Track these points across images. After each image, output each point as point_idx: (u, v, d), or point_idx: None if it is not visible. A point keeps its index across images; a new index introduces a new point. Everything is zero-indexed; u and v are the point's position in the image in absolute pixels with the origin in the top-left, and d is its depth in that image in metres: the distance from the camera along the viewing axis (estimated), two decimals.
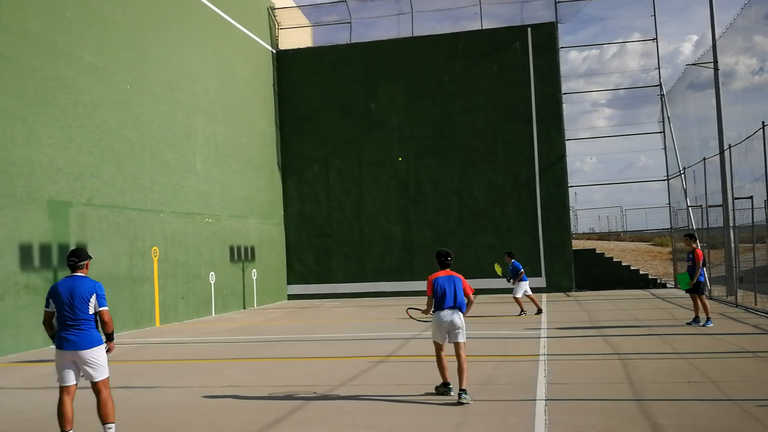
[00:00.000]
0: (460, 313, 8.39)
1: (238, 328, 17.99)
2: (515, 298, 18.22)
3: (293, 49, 29.74)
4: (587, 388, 8.58)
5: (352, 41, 29.58)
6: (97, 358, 6.69)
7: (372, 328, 16.14)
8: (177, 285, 20.42)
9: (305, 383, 9.65)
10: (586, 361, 10.71)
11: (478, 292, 26.07)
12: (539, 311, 18.03)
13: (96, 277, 16.62)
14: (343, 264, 28.38)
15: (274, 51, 29.47)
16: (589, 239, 40.33)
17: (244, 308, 24.62)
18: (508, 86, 27.50)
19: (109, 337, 6.89)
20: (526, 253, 26.51)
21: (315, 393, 8.89)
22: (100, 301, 6.72)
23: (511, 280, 18.26)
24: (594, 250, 31.75)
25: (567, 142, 27.47)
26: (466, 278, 8.72)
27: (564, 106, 27.51)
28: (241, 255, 24.70)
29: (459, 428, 6.87)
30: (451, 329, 8.33)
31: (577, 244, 33.32)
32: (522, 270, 18.20)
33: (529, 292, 18.24)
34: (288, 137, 29.22)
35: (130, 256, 18.24)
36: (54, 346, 6.76)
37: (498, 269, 19.06)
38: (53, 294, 6.71)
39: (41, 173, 15.21)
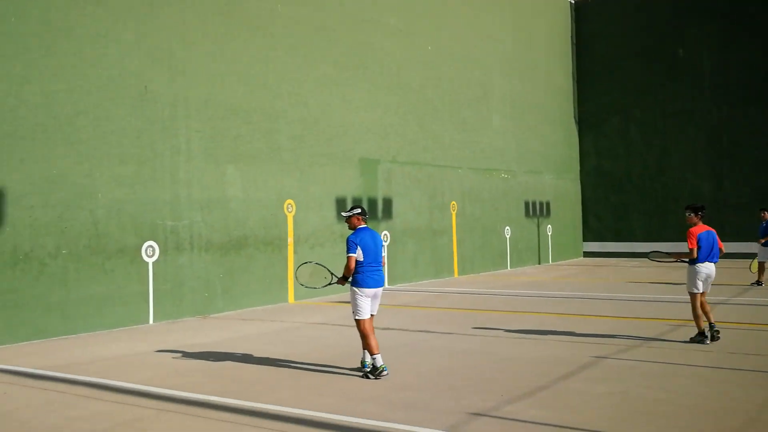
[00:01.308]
0: (714, 265, 9.31)
1: (532, 283, 18.18)
2: (761, 264, 15.97)
3: None
4: None
5: None
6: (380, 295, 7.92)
7: (673, 291, 15.21)
8: (474, 239, 21.19)
9: (597, 341, 9.52)
10: None
11: None
12: (756, 283, 15.88)
13: (399, 230, 18.02)
14: (643, 222, 26.95)
15: (572, 1, 28.56)
16: None
17: (539, 263, 24.74)
18: None
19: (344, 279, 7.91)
20: None
21: (607, 352, 8.75)
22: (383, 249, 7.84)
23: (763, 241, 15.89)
24: None
25: None
26: None
27: None
28: (536, 210, 24.76)
29: None
30: (709, 280, 9.26)
31: None
32: None
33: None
34: (585, 90, 28.31)
35: (430, 210, 19.34)
36: (352, 286, 7.75)
37: (754, 267, 16.39)
38: (361, 242, 7.72)
39: (353, 133, 16.73)
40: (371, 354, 7.63)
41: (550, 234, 25.55)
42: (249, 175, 13.99)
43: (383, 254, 7.94)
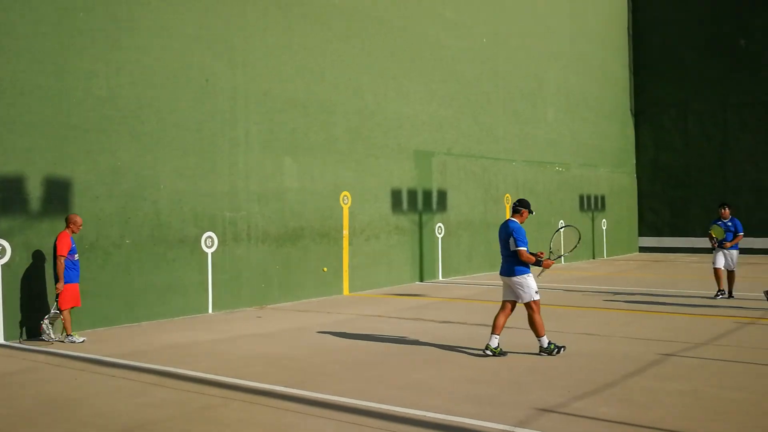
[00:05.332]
0: None
1: (588, 278, 17.89)
2: (732, 272, 13.32)
3: None
4: None
5: None
6: (518, 284, 8.29)
7: (736, 288, 14.77)
8: (528, 232, 20.87)
9: (663, 338, 9.31)
10: None
11: None
12: (720, 294, 13.21)
13: (454, 222, 17.94)
14: (702, 216, 26.18)
15: None
16: None
17: (593, 258, 24.34)
18: None
19: (537, 264, 8.37)
20: None
21: (674, 349, 8.54)
22: (517, 243, 8.31)
23: (720, 243, 13.21)
24: None
25: None
26: None
27: None
28: (591, 204, 24.35)
29: None
30: None
31: None
32: (741, 233, 13.21)
33: (725, 266, 13.22)
34: (642, 81, 27.68)
35: (484, 203, 19.19)
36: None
37: (717, 233, 13.28)
38: (499, 230, 8.68)
39: (409, 125, 16.67)
40: (493, 332, 8.40)
41: (604, 228, 25.12)
42: (305, 167, 14.07)
43: (516, 248, 8.29)
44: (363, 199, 15.31)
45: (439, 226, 17.48)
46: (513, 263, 8.32)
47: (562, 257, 8.89)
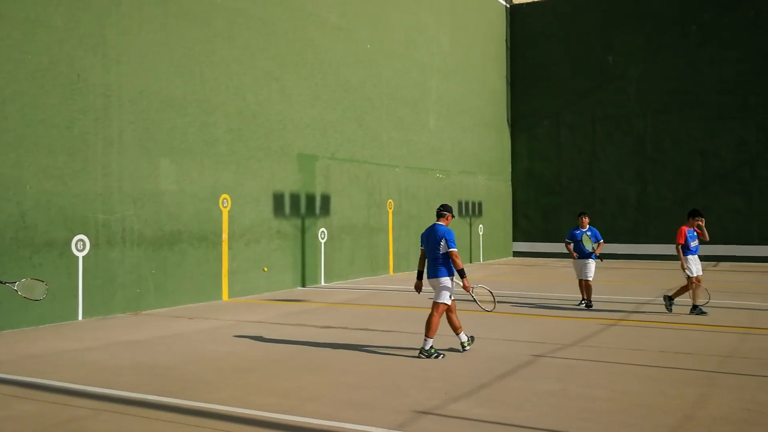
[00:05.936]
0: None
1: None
2: (588, 282, 13.21)
3: (527, 3, 29.11)
4: None
5: None
6: (442, 285, 8.52)
7: (601, 291, 15.65)
8: (410, 236, 21.30)
9: (534, 340, 9.70)
10: None
11: (722, 259, 24.35)
12: (583, 302, 13.24)
13: (337, 227, 17.95)
14: (572, 223, 27.32)
15: (508, 6, 29.06)
16: None
17: (471, 262, 25.06)
18: (766, 34, 24.69)
19: (460, 273, 8.47)
20: None
21: (544, 350, 8.92)
22: (449, 244, 8.44)
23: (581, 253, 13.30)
24: None
25: None
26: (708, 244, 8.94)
27: None
28: (469, 210, 25.09)
29: (703, 400, 6.54)
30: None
31: None
32: (602, 240, 13.38)
33: (589, 276, 13.20)
34: (518, 93, 28.85)
35: (368, 207, 19.35)
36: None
37: (587, 243, 13.28)
38: (422, 236, 8.78)
39: (292, 129, 16.55)
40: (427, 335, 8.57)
41: (481, 233, 25.94)
42: (183, 169, 13.66)
43: (449, 249, 8.43)
44: (243, 202, 15.05)
45: (322, 231, 17.45)
46: (441, 265, 8.55)
47: (474, 300, 9.26)
